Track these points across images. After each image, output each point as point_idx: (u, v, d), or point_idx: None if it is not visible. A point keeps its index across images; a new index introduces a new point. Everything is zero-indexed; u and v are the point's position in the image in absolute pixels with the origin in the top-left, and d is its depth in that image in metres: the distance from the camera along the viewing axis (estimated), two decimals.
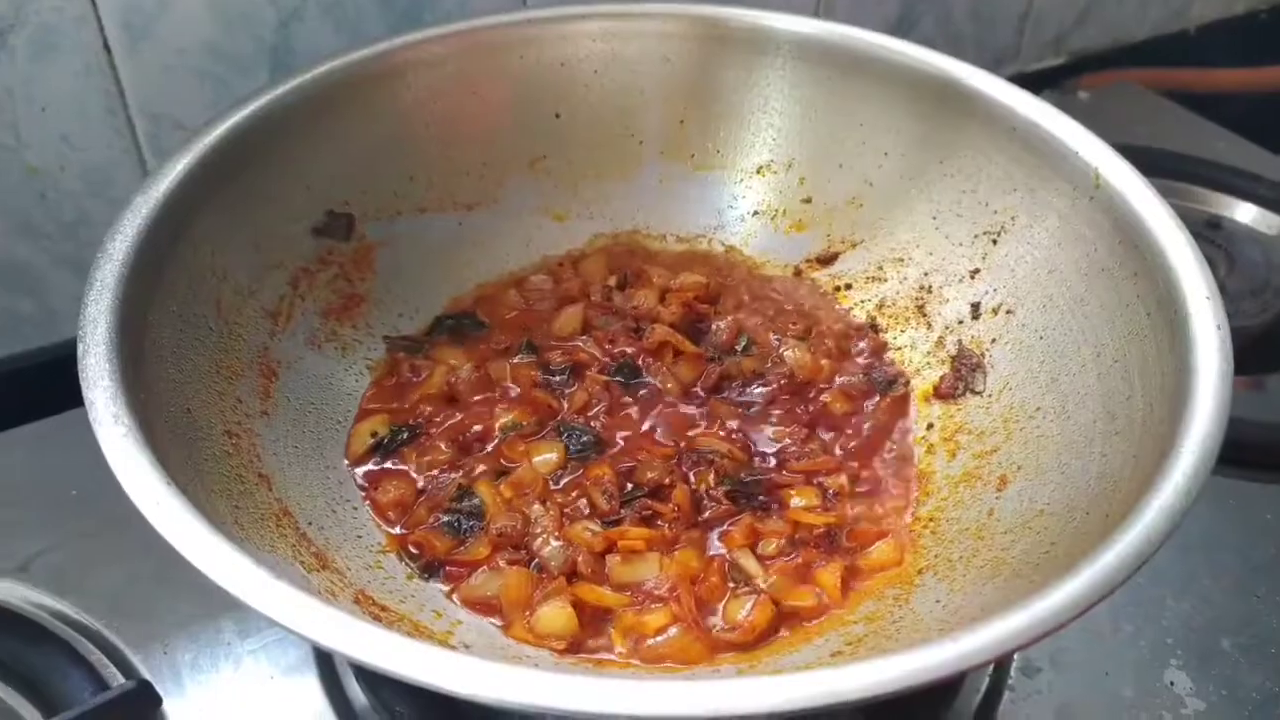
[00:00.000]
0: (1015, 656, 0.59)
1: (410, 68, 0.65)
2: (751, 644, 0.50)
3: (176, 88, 0.72)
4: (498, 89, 0.67)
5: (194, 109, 0.72)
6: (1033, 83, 1.13)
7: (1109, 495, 0.46)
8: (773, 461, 0.59)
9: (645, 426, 0.60)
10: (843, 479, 0.58)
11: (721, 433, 0.60)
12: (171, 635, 0.58)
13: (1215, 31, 1.24)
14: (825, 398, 0.61)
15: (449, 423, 0.60)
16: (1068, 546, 0.45)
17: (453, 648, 0.47)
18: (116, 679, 0.56)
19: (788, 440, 0.59)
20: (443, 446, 0.59)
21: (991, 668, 0.58)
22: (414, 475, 0.58)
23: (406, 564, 0.54)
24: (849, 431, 0.61)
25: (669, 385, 0.62)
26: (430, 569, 0.54)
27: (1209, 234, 0.86)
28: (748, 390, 0.62)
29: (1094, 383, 0.53)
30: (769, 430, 0.60)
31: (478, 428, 0.60)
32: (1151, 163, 0.91)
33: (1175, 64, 1.17)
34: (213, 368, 0.53)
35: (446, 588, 0.53)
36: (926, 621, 0.47)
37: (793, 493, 0.57)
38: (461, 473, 0.57)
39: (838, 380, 0.62)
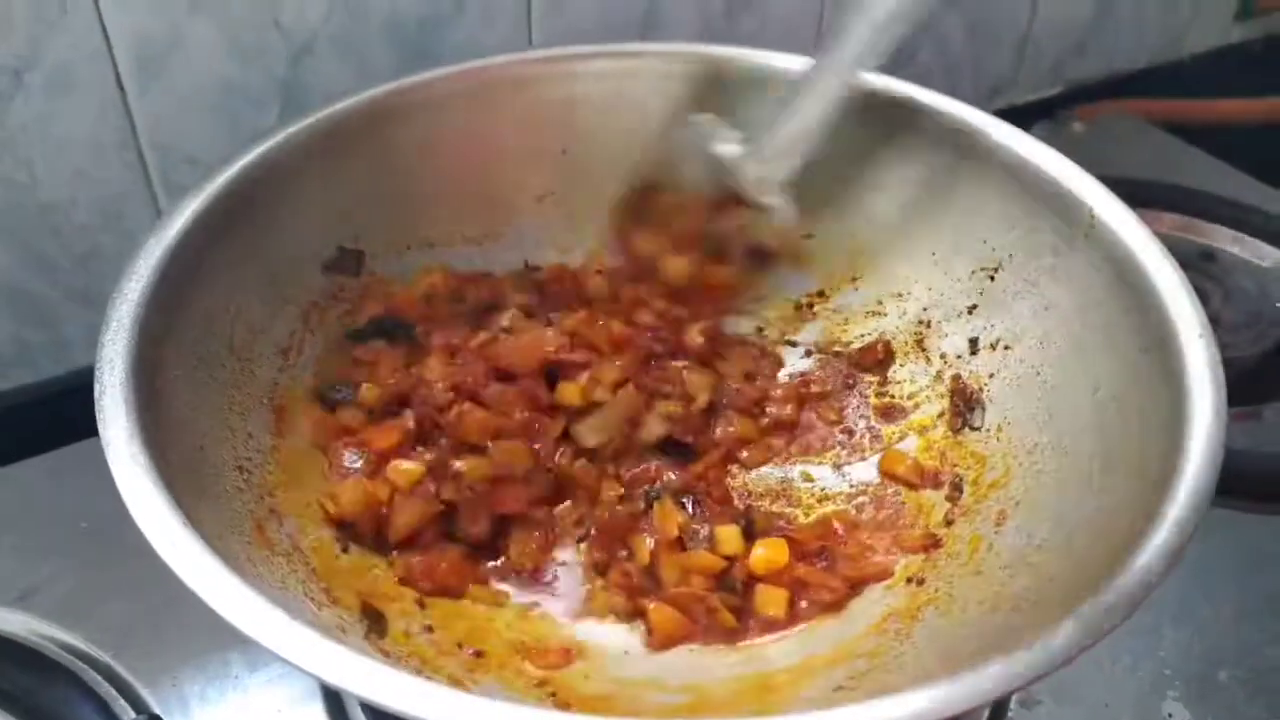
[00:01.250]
0: None
1: (418, 106, 0.66)
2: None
3: (188, 123, 0.73)
4: (505, 126, 0.68)
5: (206, 143, 0.74)
6: (1029, 112, 1.15)
7: (1107, 531, 0.47)
8: None
9: None
10: None
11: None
12: (181, 668, 0.59)
13: (1211, 61, 1.26)
14: None
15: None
16: (1066, 582, 0.46)
17: (465, 686, 0.47)
18: (126, 712, 0.56)
19: None
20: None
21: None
22: None
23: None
24: None
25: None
26: None
27: (1203, 265, 0.87)
28: None
29: (1090, 419, 0.53)
30: None
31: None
32: (1146, 194, 0.93)
33: (1171, 93, 1.18)
34: (226, 404, 0.54)
35: None
36: (927, 657, 0.48)
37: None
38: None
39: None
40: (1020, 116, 1.12)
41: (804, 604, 0.55)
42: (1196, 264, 0.87)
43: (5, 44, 0.65)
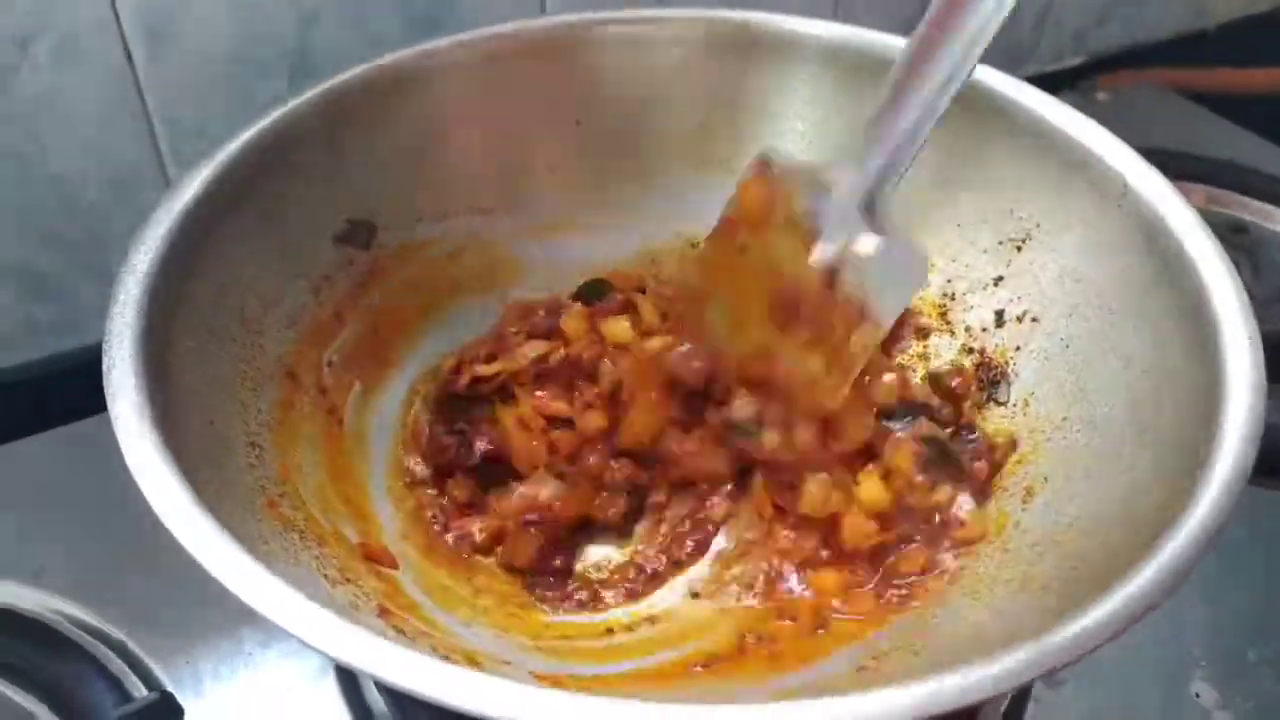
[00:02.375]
0: None
1: (429, 75, 0.64)
2: None
3: (197, 93, 0.72)
4: (517, 96, 0.67)
5: (215, 114, 0.72)
6: (1051, 83, 1.12)
7: (1138, 509, 0.45)
8: None
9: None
10: None
11: None
12: (194, 644, 0.58)
13: (1237, 30, 1.23)
14: None
15: None
16: (1097, 561, 0.44)
17: (479, 664, 0.47)
18: (139, 689, 0.56)
19: None
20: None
21: None
22: None
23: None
24: None
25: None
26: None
27: (1233, 239, 0.85)
28: None
29: (1122, 393, 0.52)
30: None
31: None
32: (1173, 165, 0.90)
33: (1196, 64, 1.15)
34: (236, 378, 0.53)
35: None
36: (954, 637, 0.47)
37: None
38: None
39: None
40: (1043, 86, 1.10)
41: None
42: (1226, 237, 0.83)
43: (9, 14, 0.64)
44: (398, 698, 0.56)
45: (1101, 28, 1.15)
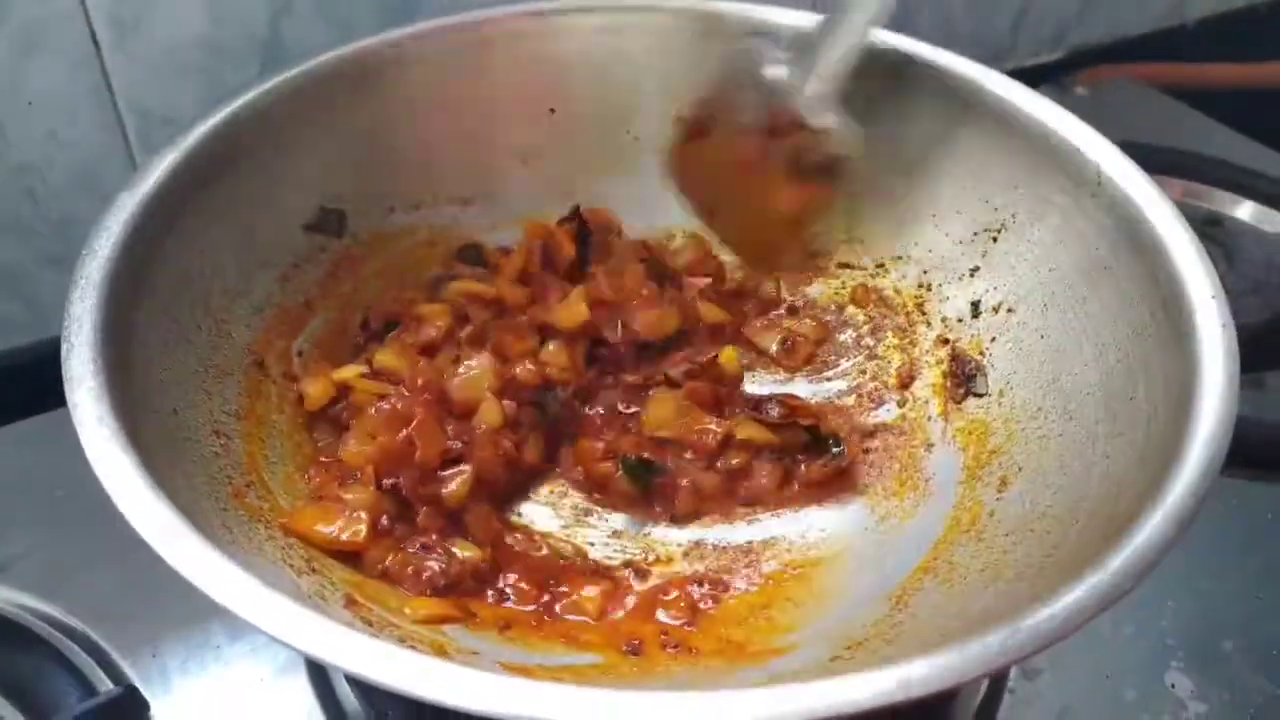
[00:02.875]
0: None
1: (402, 62, 0.64)
2: None
3: (166, 83, 0.71)
4: (492, 83, 0.66)
5: (184, 104, 0.71)
6: (1030, 78, 1.12)
7: (1112, 498, 0.45)
8: None
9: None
10: None
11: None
12: (161, 638, 0.58)
13: (1214, 26, 1.24)
14: None
15: None
16: (1070, 550, 0.44)
17: (447, 654, 0.46)
18: (104, 684, 0.55)
19: None
20: None
21: None
22: None
23: None
24: None
25: None
26: None
27: (1209, 231, 0.85)
28: None
29: (1096, 383, 0.52)
30: None
31: None
32: (1150, 159, 0.91)
33: (1174, 59, 1.16)
34: (201, 367, 0.52)
35: None
36: (927, 626, 0.46)
37: None
38: None
39: None
40: (1022, 81, 1.11)
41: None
42: (1202, 230, 0.84)
43: None
44: (368, 691, 0.55)
45: (1081, 23, 1.15)
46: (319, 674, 0.57)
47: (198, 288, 0.53)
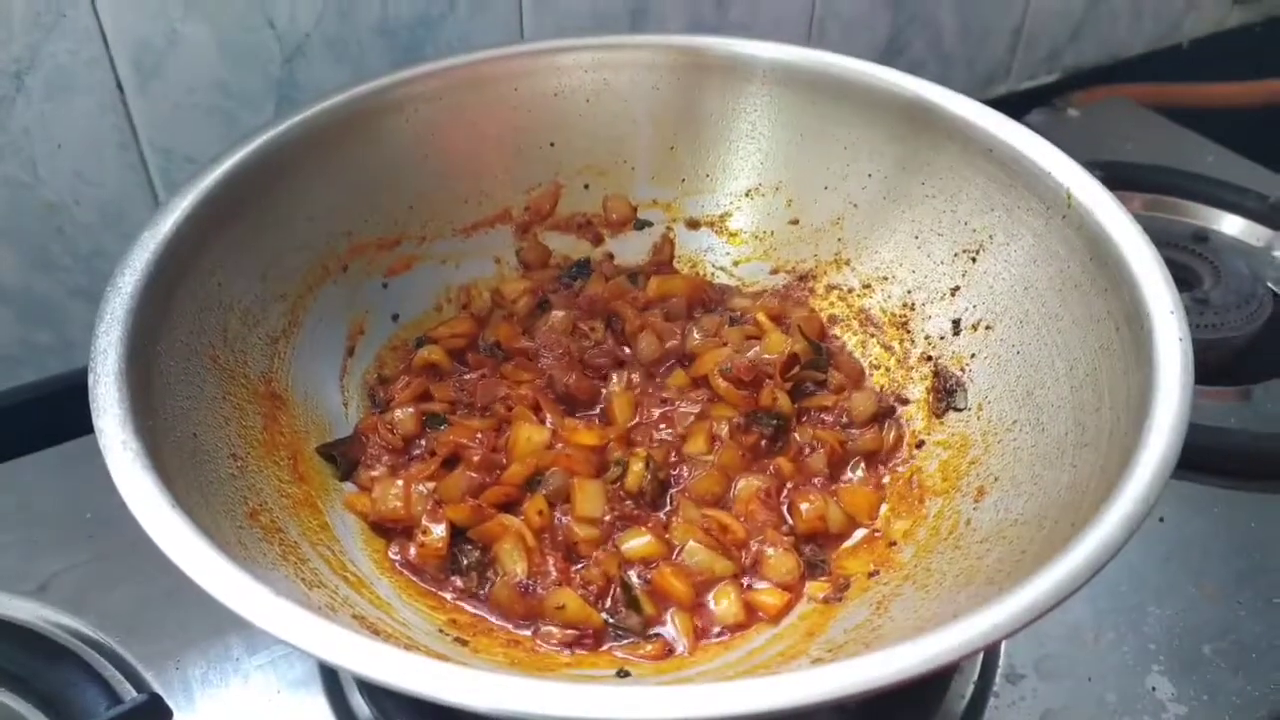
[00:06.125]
0: (1000, 663, 0.60)
1: (409, 101, 0.67)
2: None
3: (186, 123, 0.74)
4: (494, 120, 0.70)
5: (204, 143, 0.75)
6: (1025, 100, 1.15)
7: (1077, 504, 0.47)
8: None
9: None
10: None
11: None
12: (183, 651, 0.61)
13: (1208, 46, 1.26)
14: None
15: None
16: (1037, 554, 0.46)
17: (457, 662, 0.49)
18: (130, 694, 0.58)
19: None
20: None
21: (976, 674, 0.60)
22: None
23: None
24: None
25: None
26: None
27: (1197, 247, 0.87)
28: None
29: (1067, 396, 0.54)
30: None
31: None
32: (1140, 177, 0.94)
33: (1168, 79, 1.18)
34: (219, 394, 0.55)
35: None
36: (904, 629, 0.49)
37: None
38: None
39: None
40: (1017, 104, 1.13)
41: None
42: (1190, 245, 0.87)
43: (4, 48, 0.67)
44: (381, 703, 0.58)
45: (1075, 45, 1.18)
46: (334, 685, 0.60)
47: (215, 319, 0.57)
